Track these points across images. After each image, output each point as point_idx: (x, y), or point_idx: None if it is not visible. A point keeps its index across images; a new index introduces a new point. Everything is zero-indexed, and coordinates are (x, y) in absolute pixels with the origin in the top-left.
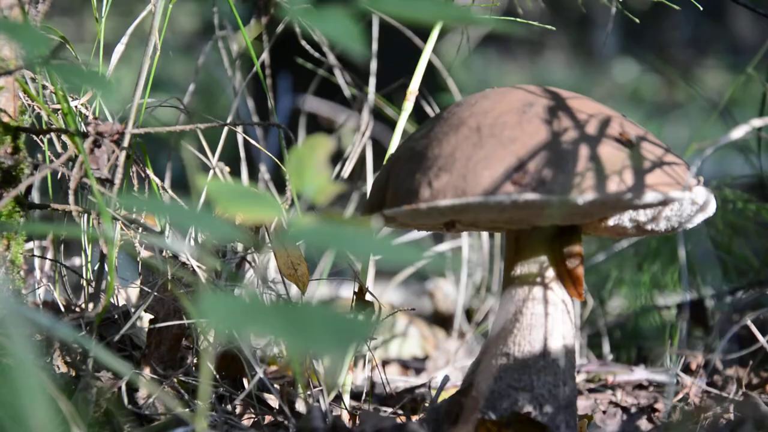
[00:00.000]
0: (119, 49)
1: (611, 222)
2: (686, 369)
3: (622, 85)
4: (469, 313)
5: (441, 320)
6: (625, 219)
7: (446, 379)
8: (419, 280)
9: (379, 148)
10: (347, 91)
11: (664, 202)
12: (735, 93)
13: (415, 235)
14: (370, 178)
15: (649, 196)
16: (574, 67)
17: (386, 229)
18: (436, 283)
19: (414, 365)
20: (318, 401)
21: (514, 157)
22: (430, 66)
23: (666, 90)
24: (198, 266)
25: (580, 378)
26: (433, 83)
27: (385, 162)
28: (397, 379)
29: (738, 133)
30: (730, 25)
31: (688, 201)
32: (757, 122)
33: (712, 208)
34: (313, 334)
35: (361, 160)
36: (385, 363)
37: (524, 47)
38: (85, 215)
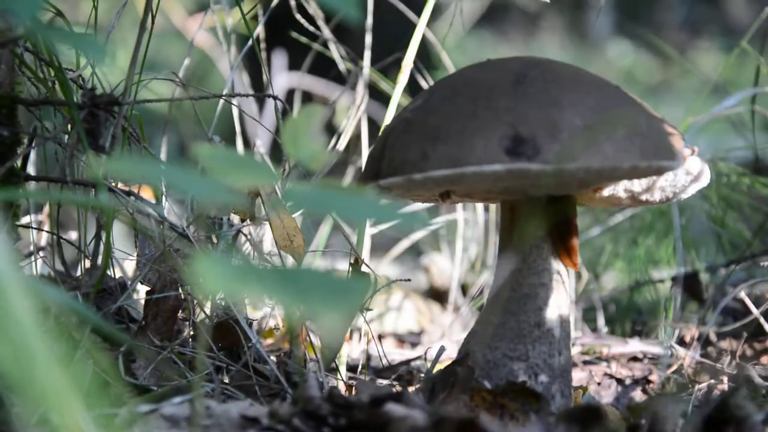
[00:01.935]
0: (113, 23)
1: (606, 192)
2: (681, 341)
3: (616, 66)
4: (464, 288)
5: (436, 295)
6: (620, 189)
7: (442, 349)
8: (415, 256)
9: (374, 125)
10: (342, 65)
11: (659, 172)
12: (729, 73)
13: (413, 208)
14: (365, 153)
15: (644, 166)
16: (568, 48)
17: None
18: (431, 258)
19: (410, 339)
20: (314, 371)
21: (509, 126)
22: (425, 44)
23: (660, 71)
24: (194, 237)
25: (575, 350)
26: (428, 61)
27: (380, 133)
28: (393, 352)
29: (731, 101)
30: (723, 7)
31: (682, 171)
32: (750, 92)
33: (706, 179)
34: (308, 294)
35: (357, 135)
36: (380, 337)
37: (518, 29)
38: (82, 187)
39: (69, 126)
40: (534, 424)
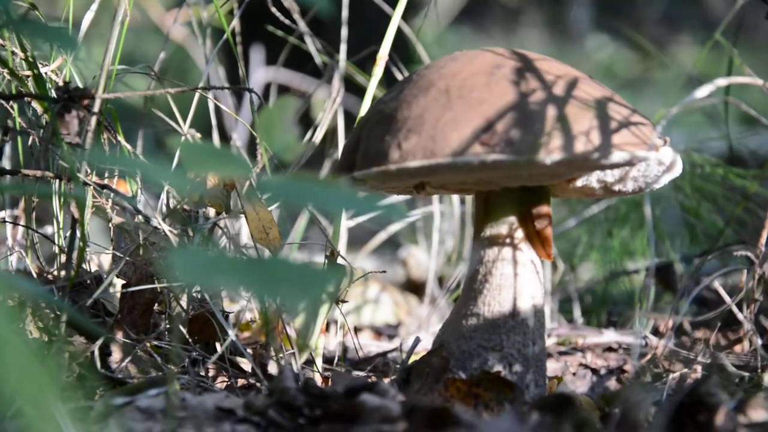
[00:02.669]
0: (88, 16)
1: (579, 183)
2: (655, 331)
3: (596, 62)
4: (441, 280)
5: (414, 287)
6: (593, 180)
7: (417, 340)
8: (393, 249)
9: (351, 118)
10: (318, 58)
11: (631, 162)
12: (708, 65)
13: (391, 200)
14: (341, 145)
15: (616, 156)
16: (548, 43)
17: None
18: (408, 251)
19: (387, 331)
20: (290, 363)
21: (483, 118)
22: (403, 38)
23: (640, 65)
24: (170, 231)
25: (551, 341)
26: (406, 55)
27: (355, 125)
28: (370, 344)
29: (702, 92)
30: (703, 1)
31: (654, 161)
32: (721, 81)
33: (678, 169)
34: (279, 284)
35: (334, 128)
36: (358, 329)
37: (498, 24)
38: (57, 180)
39: (44, 120)
40: (507, 412)
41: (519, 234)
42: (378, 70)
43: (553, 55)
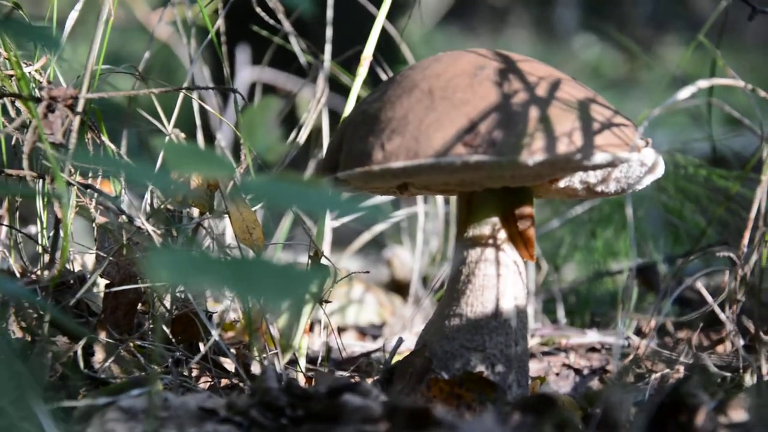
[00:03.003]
0: (73, 15)
1: (562, 184)
2: (638, 332)
3: (583, 62)
4: (426, 280)
5: (398, 287)
6: (576, 180)
7: (400, 341)
8: (378, 249)
9: (337, 118)
10: (303, 58)
11: (613, 163)
12: (694, 66)
13: (375, 201)
14: (326, 146)
15: (598, 157)
16: (535, 43)
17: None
18: (393, 251)
19: (371, 332)
20: (273, 363)
21: (466, 119)
22: (389, 38)
23: (626, 65)
24: (153, 231)
25: (534, 341)
26: (392, 55)
27: (339, 125)
28: (354, 345)
29: (684, 93)
30: (688, 2)
31: (636, 162)
32: (703, 83)
33: (661, 170)
34: (260, 284)
35: (319, 129)
36: (342, 330)
37: (486, 24)
38: (40, 180)
39: (27, 119)
40: (488, 413)
41: (502, 235)
42: (362, 71)
43: (540, 56)
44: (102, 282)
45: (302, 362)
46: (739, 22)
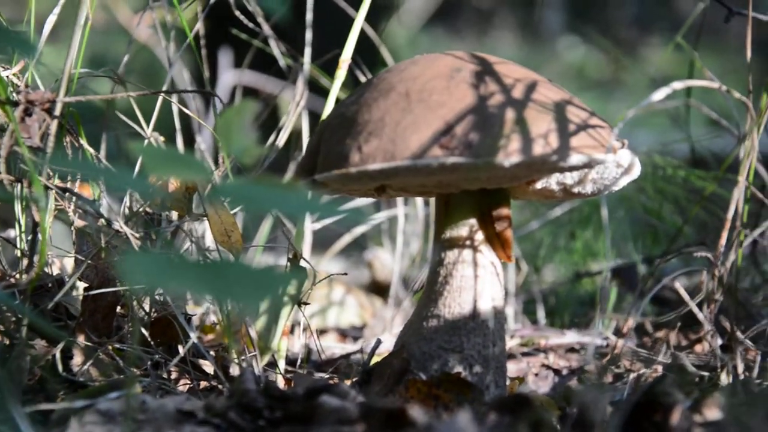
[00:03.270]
0: (51, 20)
1: (539, 185)
2: (617, 332)
3: (568, 63)
4: (407, 282)
5: (379, 289)
6: (552, 182)
7: (378, 342)
8: (359, 251)
9: (317, 120)
10: (282, 61)
11: (589, 165)
12: (679, 69)
13: (358, 203)
14: (304, 148)
15: (574, 159)
16: (521, 45)
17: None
18: (374, 253)
19: (352, 333)
20: (251, 365)
21: (442, 121)
22: (370, 41)
23: (611, 68)
24: (131, 234)
25: (514, 342)
26: (374, 58)
27: (317, 128)
28: (335, 347)
29: (659, 95)
30: (673, 4)
31: (612, 163)
32: (678, 85)
33: (637, 171)
34: (233, 286)
35: (299, 131)
36: (323, 332)
37: (471, 26)
38: (18, 184)
39: (5, 123)
40: (463, 413)
41: (479, 236)
42: (341, 73)
43: (525, 58)
44: (81, 285)
45: (281, 364)
46: (722, 24)
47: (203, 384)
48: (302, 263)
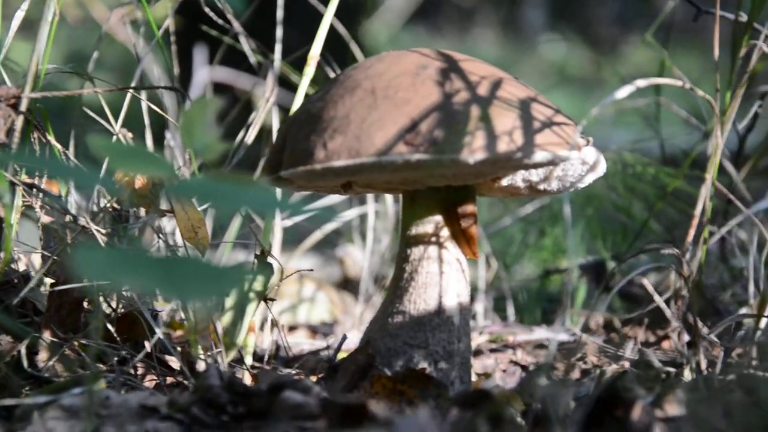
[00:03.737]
0: (19, 15)
1: (505, 182)
2: (586, 328)
3: (549, 62)
4: (378, 279)
5: (351, 286)
6: (518, 179)
7: (344, 338)
8: (332, 247)
9: (288, 116)
10: (252, 58)
11: (554, 162)
12: (654, 68)
13: (330, 200)
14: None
15: (538, 156)
16: (502, 44)
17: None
18: (345, 250)
19: (322, 330)
20: (217, 361)
21: (407, 118)
22: (341, 38)
23: (592, 66)
24: (97, 230)
25: (482, 339)
26: (347, 56)
27: (282, 124)
28: (304, 343)
29: (622, 93)
30: (654, 2)
31: (577, 160)
32: (641, 83)
33: (602, 168)
34: (183, 282)
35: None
36: (293, 328)
37: (453, 24)
38: None
39: None
40: (423, 409)
41: (445, 233)
42: (309, 70)
43: (506, 56)
44: (48, 281)
45: (248, 360)
46: (706, 23)
47: (169, 380)
48: (269, 260)
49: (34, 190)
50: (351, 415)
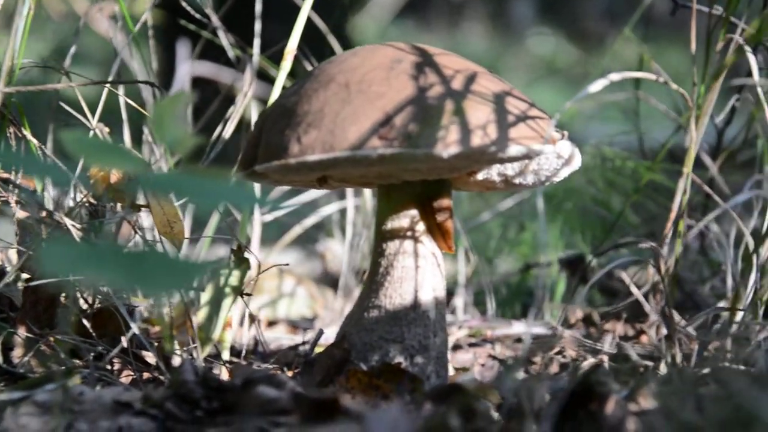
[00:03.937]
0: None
1: (480, 176)
2: (566, 322)
3: (538, 56)
4: (358, 273)
5: (331, 281)
6: (493, 173)
7: (320, 333)
8: (312, 242)
9: None
10: (231, 52)
11: (528, 156)
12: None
13: (312, 194)
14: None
15: (512, 150)
16: (492, 38)
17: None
18: (326, 245)
19: (302, 325)
20: (192, 356)
21: (381, 112)
22: (321, 33)
23: (581, 60)
24: (72, 225)
25: (462, 333)
26: (326, 50)
27: (257, 119)
28: (284, 338)
29: (596, 86)
30: None
31: (552, 154)
32: (615, 76)
33: (577, 162)
34: (148, 276)
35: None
36: (273, 323)
37: (442, 18)
38: None
39: None
40: (394, 403)
41: (420, 227)
42: (286, 64)
43: (495, 50)
44: (25, 277)
45: (225, 355)
46: (685, 17)
47: (146, 375)
48: (246, 254)
49: (10, 185)
50: (323, 410)
